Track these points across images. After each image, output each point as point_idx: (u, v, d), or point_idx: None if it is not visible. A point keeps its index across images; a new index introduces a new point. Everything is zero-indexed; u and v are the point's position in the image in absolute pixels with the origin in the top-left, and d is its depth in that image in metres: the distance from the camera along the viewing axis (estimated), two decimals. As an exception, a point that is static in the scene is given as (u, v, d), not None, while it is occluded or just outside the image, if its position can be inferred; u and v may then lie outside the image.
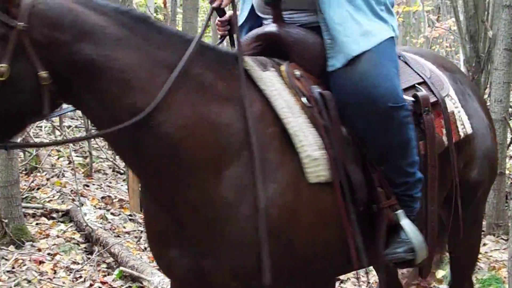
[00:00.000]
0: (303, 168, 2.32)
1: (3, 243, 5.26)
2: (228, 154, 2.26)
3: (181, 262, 2.36)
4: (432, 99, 2.78)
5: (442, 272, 4.74)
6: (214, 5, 2.52)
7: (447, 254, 3.58)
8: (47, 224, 6.05)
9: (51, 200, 6.65)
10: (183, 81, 2.23)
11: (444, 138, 2.81)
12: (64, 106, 2.29)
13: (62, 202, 6.58)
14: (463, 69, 8.81)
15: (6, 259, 4.98)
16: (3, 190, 5.28)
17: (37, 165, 7.56)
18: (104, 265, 5.13)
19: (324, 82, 2.53)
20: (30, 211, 6.22)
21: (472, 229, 3.30)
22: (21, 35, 2.07)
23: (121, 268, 4.77)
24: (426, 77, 2.87)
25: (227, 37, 2.76)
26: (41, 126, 9.90)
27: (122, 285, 4.62)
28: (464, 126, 2.93)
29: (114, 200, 6.88)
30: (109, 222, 6.15)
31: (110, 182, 7.64)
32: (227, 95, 2.32)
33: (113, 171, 8.05)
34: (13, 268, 4.86)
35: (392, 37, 2.64)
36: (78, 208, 6.06)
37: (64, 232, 5.83)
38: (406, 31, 26.62)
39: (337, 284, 4.95)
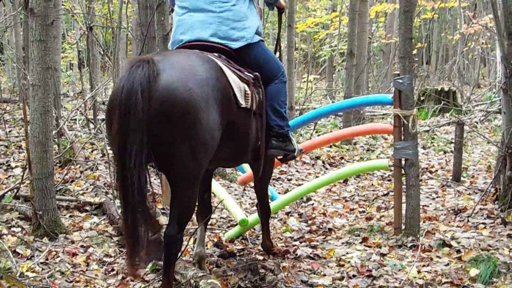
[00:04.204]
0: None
1: (37, 235, 5.31)
2: None
3: None
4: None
5: (476, 271, 4.67)
6: None
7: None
8: (80, 216, 6.10)
9: (84, 193, 6.70)
10: None
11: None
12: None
13: (96, 195, 6.63)
14: (500, 66, 8.66)
15: (40, 251, 5.03)
16: (37, 183, 5.32)
17: (71, 158, 7.61)
18: (137, 259, 5.13)
19: None
20: (64, 204, 6.28)
21: None
22: None
23: (154, 261, 4.77)
24: None
25: None
26: (75, 119, 9.99)
27: (154, 279, 4.62)
28: None
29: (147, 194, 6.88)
30: (142, 216, 6.17)
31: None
32: None
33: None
34: (47, 259, 4.90)
35: None
36: (111, 201, 6.10)
37: (97, 225, 5.87)
38: (441, 28, 26.36)
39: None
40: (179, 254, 4.02)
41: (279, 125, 4.74)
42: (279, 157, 5.02)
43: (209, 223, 6.27)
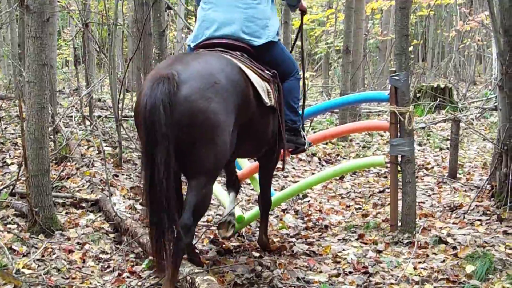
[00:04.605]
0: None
1: (33, 231, 5.30)
2: None
3: None
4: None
5: (472, 267, 4.68)
6: None
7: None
8: (76, 213, 6.08)
9: (80, 190, 6.68)
10: None
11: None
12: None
13: (92, 191, 6.62)
14: (496, 63, 8.67)
15: (36, 248, 5.02)
16: (33, 179, 5.31)
17: (67, 155, 7.60)
18: (133, 255, 5.13)
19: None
20: (60, 201, 6.26)
21: None
22: None
23: (150, 258, 4.77)
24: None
25: None
26: (71, 116, 9.97)
27: (150, 275, 4.62)
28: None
29: (143, 190, 6.88)
30: (138, 212, 6.17)
31: (140, 173, 7.65)
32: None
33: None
34: (43, 256, 4.89)
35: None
36: (107, 198, 6.09)
37: (93, 221, 5.86)
38: (437, 25, 26.37)
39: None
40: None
41: (292, 120, 5.11)
42: (290, 150, 5.33)
43: (205, 220, 6.28)
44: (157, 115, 3.68)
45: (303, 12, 5.68)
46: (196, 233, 5.74)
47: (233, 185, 5.72)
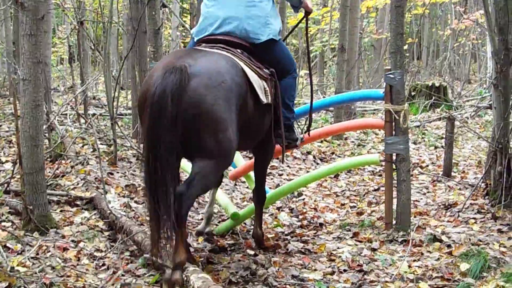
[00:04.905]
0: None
1: (27, 229, 5.28)
2: None
3: None
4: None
5: (467, 265, 4.69)
6: None
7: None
8: (71, 211, 6.07)
9: (75, 188, 6.67)
10: None
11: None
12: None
13: (86, 189, 6.60)
14: (491, 61, 8.68)
15: (30, 246, 5.01)
16: (28, 177, 5.29)
17: (62, 153, 7.59)
18: (128, 253, 5.13)
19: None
20: (55, 198, 6.25)
21: None
22: None
23: (145, 255, 4.77)
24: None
25: None
26: (66, 114, 9.96)
27: (145, 273, 4.62)
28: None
29: (138, 189, 6.90)
30: (133, 210, 6.16)
31: (134, 171, 7.65)
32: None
33: (137, 159, 8.05)
34: (38, 254, 4.88)
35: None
36: (102, 196, 6.08)
37: (88, 219, 5.85)
38: (432, 23, 26.39)
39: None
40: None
41: (286, 117, 5.25)
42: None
43: (200, 218, 6.28)
44: (164, 102, 3.89)
45: (308, 13, 5.58)
46: (190, 231, 5.76)
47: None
